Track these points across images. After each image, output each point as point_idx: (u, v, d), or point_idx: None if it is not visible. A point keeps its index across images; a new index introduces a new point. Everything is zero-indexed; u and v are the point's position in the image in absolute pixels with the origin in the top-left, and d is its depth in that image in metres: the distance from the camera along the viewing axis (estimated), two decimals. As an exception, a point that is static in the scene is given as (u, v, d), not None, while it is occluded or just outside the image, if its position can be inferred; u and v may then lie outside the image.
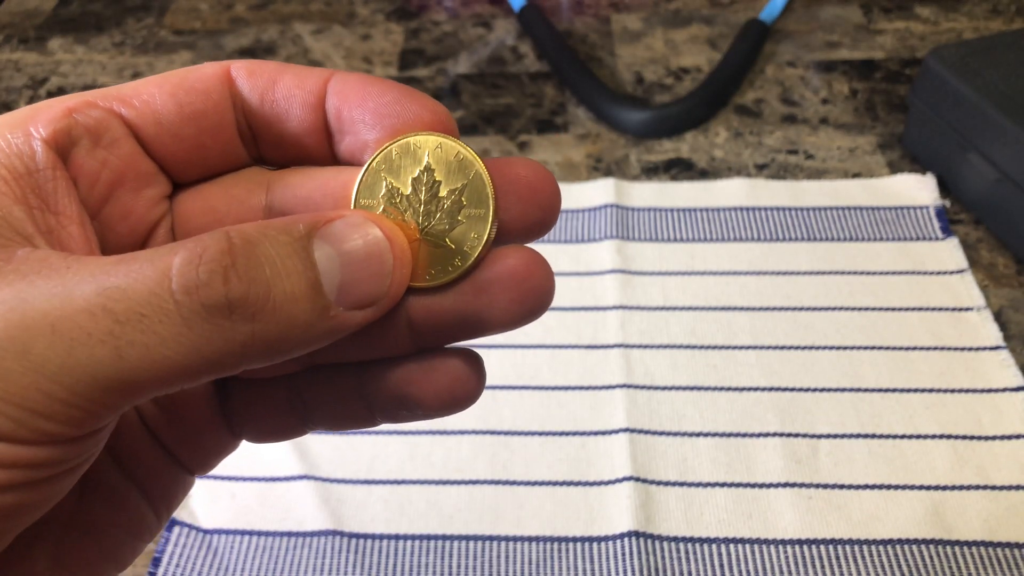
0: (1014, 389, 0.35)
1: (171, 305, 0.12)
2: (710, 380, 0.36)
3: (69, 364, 0.12)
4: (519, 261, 0.15)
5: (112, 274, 0.12)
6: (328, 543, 0.32)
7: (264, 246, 0.13)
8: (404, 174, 0.16)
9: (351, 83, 0.16)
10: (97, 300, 0.12)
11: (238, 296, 0.12)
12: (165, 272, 0.12)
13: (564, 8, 0.61)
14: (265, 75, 0.16)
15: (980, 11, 0.57)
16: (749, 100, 0.52)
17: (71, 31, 0.61)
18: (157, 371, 0.12)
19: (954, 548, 0.31)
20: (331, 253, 0.13)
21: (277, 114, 0.16)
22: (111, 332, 0.12)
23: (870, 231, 0.42)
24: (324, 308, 0.13)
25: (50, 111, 0.15)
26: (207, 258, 0.12)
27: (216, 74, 0.16)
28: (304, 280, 0.13)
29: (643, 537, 0.31)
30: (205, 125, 0.16)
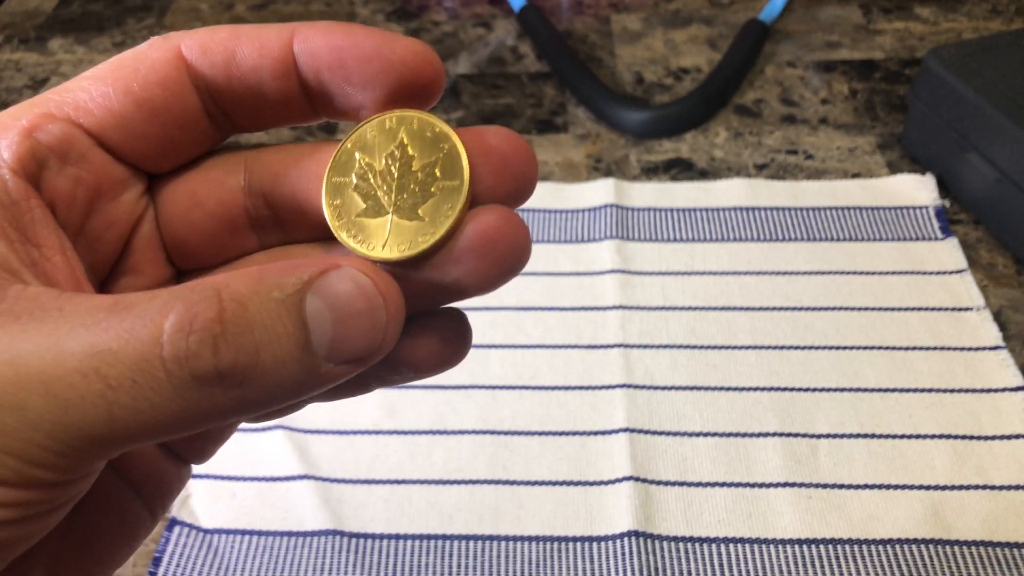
0: (1013, 389, 0.35)
1: (162, 374, 0.12)
2: (710, 380, 0.36)
3: (63, 422, 0.12)
4: (491, 223, 0.14)
5: (104, 329, 0.12)
6: (328, 543, 0.32)
7: (255, 309, 0.12)
8: (379, 151, 0.15)
9: (319, 40, 0.15)
10: (90, 362, 0.12)
11: (227, 366, 0.12)
12: (156, 337, 0.12)
13: (564, 8, 0.61)
14: (220, 48, 0.15)
15: (979, 11, 0.58)
16: (749, 100, 0.52)
17: (72, 31, 0.61)
18: (147, 429, 0.12)
19: (953, 548, 0.31)
20: (323, 308, 0.13)
21: (247, 88, 0.15)
22: (103, 395, 0.12)
23: (870, 231, 0.42)
24: (313, 367, 0.13)
25: (8, 133, 0.14)
26: (197, 326, 0.12)
27: (168, 60, 0.15)
28: (294, 342, 0.13)
29: (643, 537, 0.31)
30: (169, 119, 0.15)
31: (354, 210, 0.15)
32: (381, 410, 0.36)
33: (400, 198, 0.15)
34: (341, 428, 0.35)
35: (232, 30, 0.15)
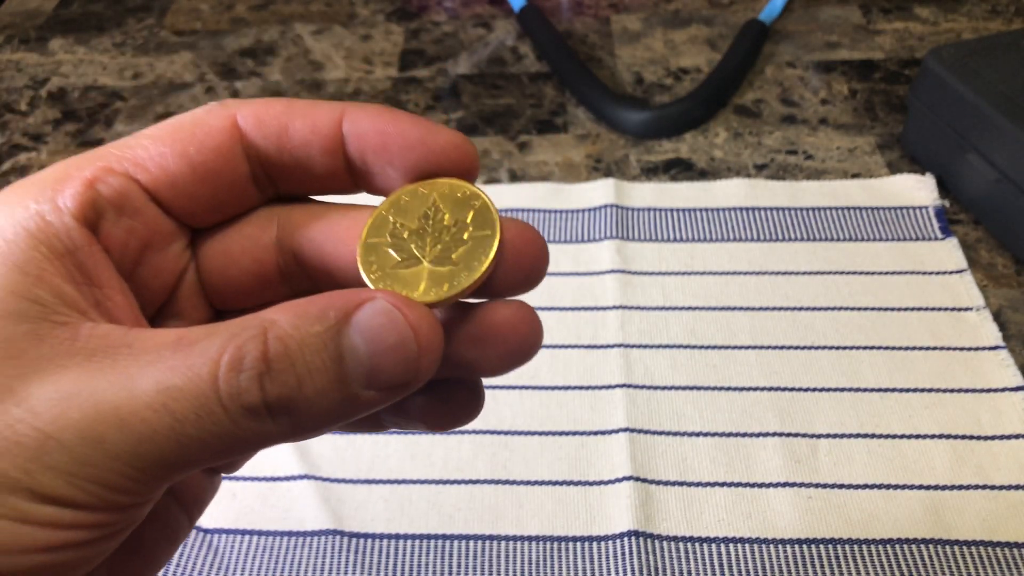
0: (1013, 389, 0.35)
1: (219, 408, 0.14)
2: (710, 380, 0.36)
3: (138, 453, 0.14)
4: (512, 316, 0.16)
5: (170, 367, 0.14)
6: (329, 543, 0.32)
7: (296, 345, 0.14)
8: (412, 213, 0.16)
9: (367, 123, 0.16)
10: (159, 399, 0.14)
11: (273, 400, 0.14)
12: (214, 375, 0.14)
13: (564, 9, 0.61)
14: (274, 122, 0.16)
15: (979, 11, 0.58)
16: (748, 100, 0.52)
17: (72, 31, 0.61)
18: (209, 455, 0.14)
19: (953, 548, 0.31)
20: (359, 342, 0.14)
21: (296, 160, 0.17)
22: (172, 428, 0.14)
23: (869, 231, 0.42)
24: (352, 396, 0.14)
25: (72, 183, 0.15)
26: (247, 364, 0.14)
27: (224, 128, 0.16)
28: (333, 375, 0.14)
29: (643, 536, 0.31)
30: (220, 183, 0.16)
31: (389, 264, 0.16)
32: (381, 410, 0.36)
33: (434, 249, 0.16)
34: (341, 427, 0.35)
35: (286, 105, 0.16)
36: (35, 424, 0.13)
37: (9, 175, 0.50)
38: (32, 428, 0.13)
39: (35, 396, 0.13)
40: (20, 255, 0.14)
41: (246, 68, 0.57)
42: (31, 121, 0.54)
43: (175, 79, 0.56)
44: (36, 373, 0.14)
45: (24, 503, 0.13)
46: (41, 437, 0.13)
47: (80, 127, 0.53)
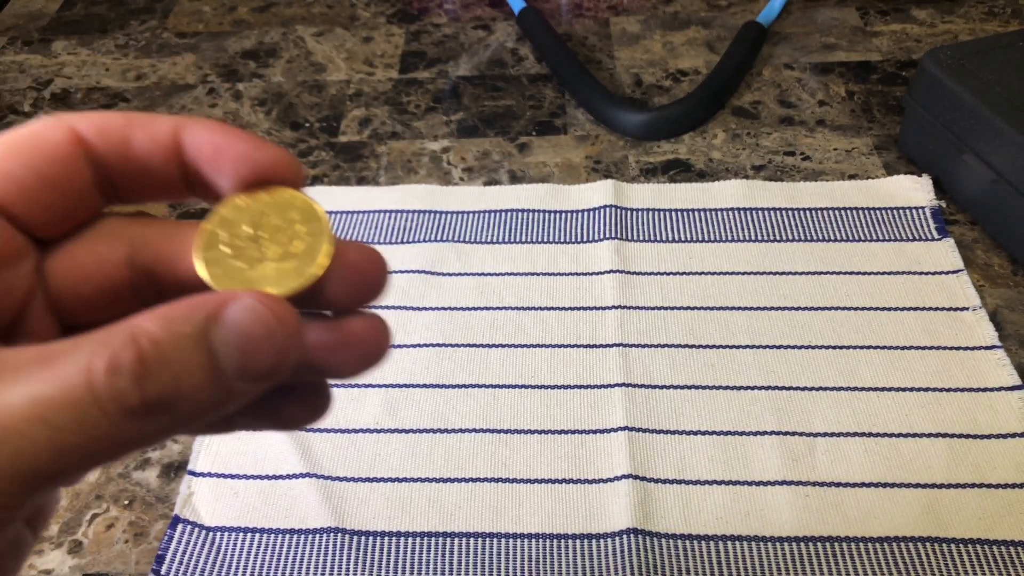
0: (1009, 388, 0.36)
1: (98, 412, 0.14)
2: (708, 379, 0.37)
3: (16, 467, 0.13)
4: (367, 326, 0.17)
5: (38, 380, 0.14)
6: (330, 540, 0.32)
7: (168, 346, 0.14)
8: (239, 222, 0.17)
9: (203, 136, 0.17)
10: (34, 411, 0.13)
11: (153, 399, 0.14)
12: (90, 381, 0.14)
13: (563, 11, 0.61)
14: (116, 133, 0.17)
15: (976, 13, 0.58)
16: (746, 102, 0.52)
17: (75, 33, 0.62)
18: (92, 460, 0.14)
19: (950, 545, 0.31)
20: (228, 337, 0.15)
21: (139, 171, 0.17)
22: (50, 439, 0.14)
23: (866, 232, 0.43)
24: (227, 388, 0.15)
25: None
26: (123, 368, 0.14)
27: (67, 140, 0.17)
28: (207, 370, 0.15)
29: (641, 534, 0.31)
30: (67, 192, 0.17)
31: (235, 272, 0.17)
32: (382, 409, 0.36)
33: (273, 248, 0.17)
34: (343, 427, 0.36)
35: (125, 117, 0.17)
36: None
37: (12, 176, 0.50)
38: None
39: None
40: None
41: (248, 70, 0.57)
42: (34, 123, 0.54)
43: (178, 80, 0.57)
44: None
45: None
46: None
47: (83, 128, 0.53)
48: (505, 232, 0.44)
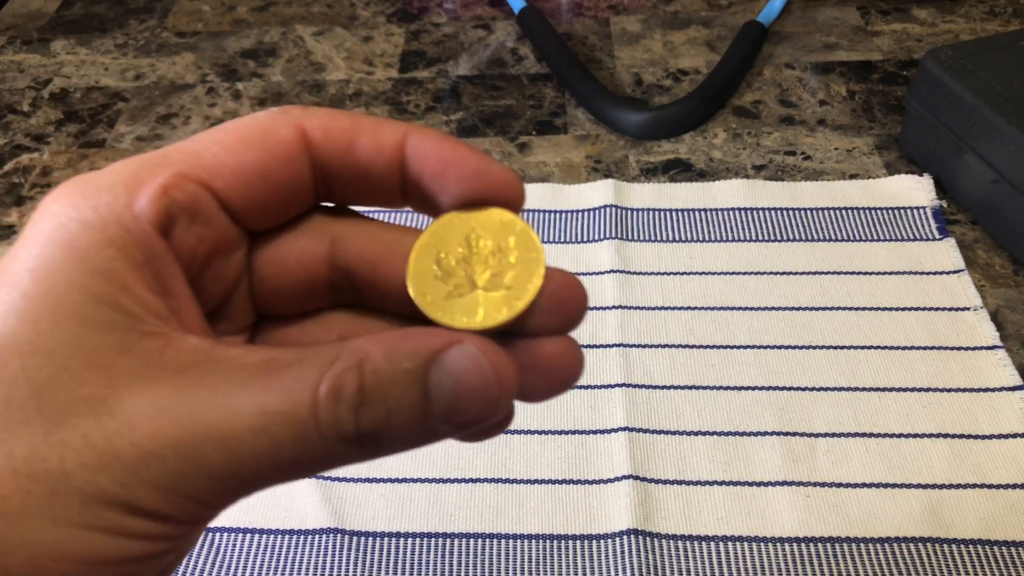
0: (1010, 388, 0.35)
1: (316, 434, 0.14)
2: (708, 379, 0.37)
3: (237, 474, 0.14)
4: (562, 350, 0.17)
5: (267, 389, 0.14)
6: (330, 541, 0.32)
7: (387, 380, 0.15)
8: (454, 241, 0.17)
9: (429, 148, 0.17)
10: (259, 421, 0.14)
11: (365, 430, 0.15)
12: (312, 399, 0.14)
13: (563, 10, 0.61)
14: (341, 137, 0.17)
15: (977, 13, 0.58)
16: (747, 101, 0.52)
17: (74, 32, 0.62)
18: (297, 475, 0.15)
19: (951, 546, 0.31)
20: (445, 382, 0.15)
21: (358, 176, 0.17)
22: (270, 450, 0.14)
23: (867, 231, 0.43)
24: (431, 429, 0.15)
25: (147, 188, 0.15)
26: (344, 395, 0.14)
27: (294, 139, 0.16)
28: (417, 410, 0.15)
29: (642, 535, 0.31)
30: (287, 192, 0.17)
31: (441, 293, 0.17)
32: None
33: (484, 275, 0.17)
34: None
35: (352, 120, 0.17)
36: (132, 439, 0.13)
37: (11, 176, 0.50)
38: (130, 443, 0.13)
39: (129, 409, 0.14)
40: (102, 264, 0.14)
41: (247, 69, 0.57)
42: (33, 122, 0.54)
43: (177, 80, 0.57)
44: (127, 385, 0.14)
45: (120, 517, 0.13)
46: (140, 454, 0.13)
47: (82, 128, 0.53)
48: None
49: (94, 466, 0.13)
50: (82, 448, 0.13)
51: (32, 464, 0.13)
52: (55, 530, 0.13)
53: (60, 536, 0.13)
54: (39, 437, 0.13)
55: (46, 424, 0.13)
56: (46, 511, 0.13)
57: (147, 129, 0.53)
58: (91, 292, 0.14)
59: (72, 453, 0.13)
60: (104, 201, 0.15)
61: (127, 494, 0.13)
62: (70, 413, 0.13)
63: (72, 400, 0.13)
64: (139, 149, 0.51)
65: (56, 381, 0.13)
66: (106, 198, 0.15)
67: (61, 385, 0.13)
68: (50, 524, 0.13)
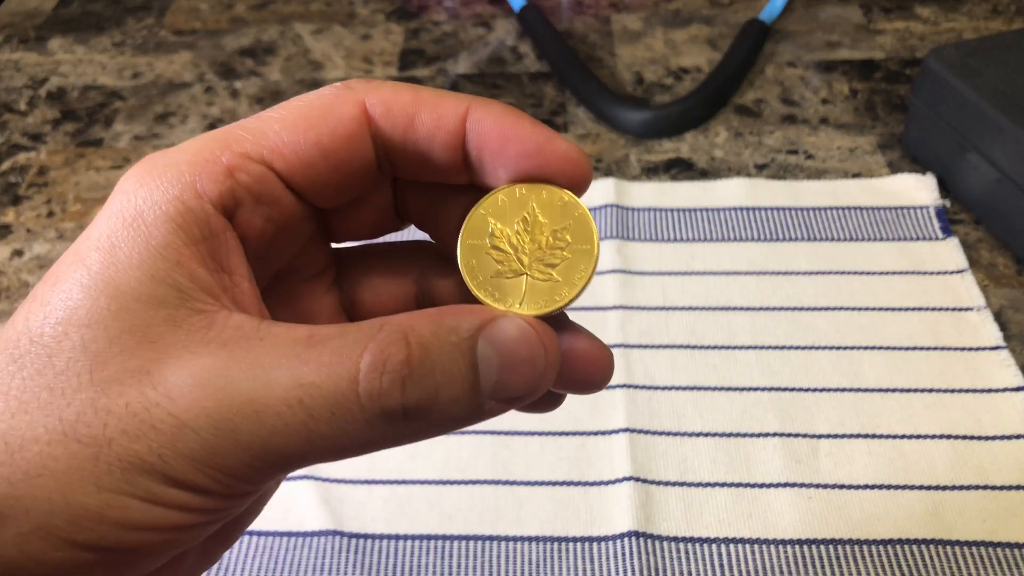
0: (1014, 389, 0.35)
1: (356, 408, 0.14)
2: (710, 380, 0.36)
3: (269, 446, 0.14)
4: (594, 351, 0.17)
5: (305, 362, 0.14)
6: (328, 543, 0.32)
7: (436, 352, 0.14)
8: (510, 217, 0.17)
9: (490, 123, 0.16)
10: (295, 393, 0.14)
11: (412, 404, 0.14)
12: (354, 375, 0.14)
13: (564, 8, 0.61)
14: (402, 113, 0.17)
15: (980, 11, 0.58)
16: (749, 100, 0.52)
17: (71, 31, 0.61)
18: (335, 453, 0.14)
19: (954, 548, 0.31)
20: (492, 354, 0.15)
21: (419, 152, 0.17)
22: (305, 424, 0.14)
23: (870, 231, 0.42)
24: (479, 405, 0.15)
25: (211, 168, 0.15)
26: (389, 367, 0.14)
27: (355, 116, 0.16)
28: (466, 383, 0.15)
29: (643, 537, 0.31)
30: (350, 169, 0.17)
31: (489, 271, 0.16)
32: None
33: (534, 260, 0.16)
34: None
35: (414, 93, 0.17)
36: (170, 410, 0.14)
37: (8, 175, 0.50)
38: (168, 414, 0.14)
39: (171, 381, 0.14)
40: (160, 239, 0.15)
41: (245, 68, 0.57)
42: (30, 121, 0.54)
43: (174, 79, 0.56)
44: (172, 358, 0.14)
45: (156, 486, 0.14)
46: (177, 424, 0.14)
47: (79, 127, 0.53)
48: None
49: (133, 434, 0.14)
50: (124, 416, 0.14)
51: (79, 428, 0.14)
52: (97, 493, 0.13)
53: (100, 499, 0.13)
54: (87, 404, 0.14)
55: (95, 392, 0.14)
56: (89, 474, 0.13)
57: (144, 128, 0.52)
58: (148, 268, 0.14)
59: (115, 420, 0.14)
60: (169, 178, 0.15)
61: (163, 465, 0.14)
62: (117, 382, 0.14)
63: (120, 371, 0.14)
64: (136, 148, 0.51)
65: (108, 352, 0.14)
66: (171, 175, 0.15)
67: (112, 356, 0.14)
68: (93, 487, 0.13)
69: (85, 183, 0.49)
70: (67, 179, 0.49)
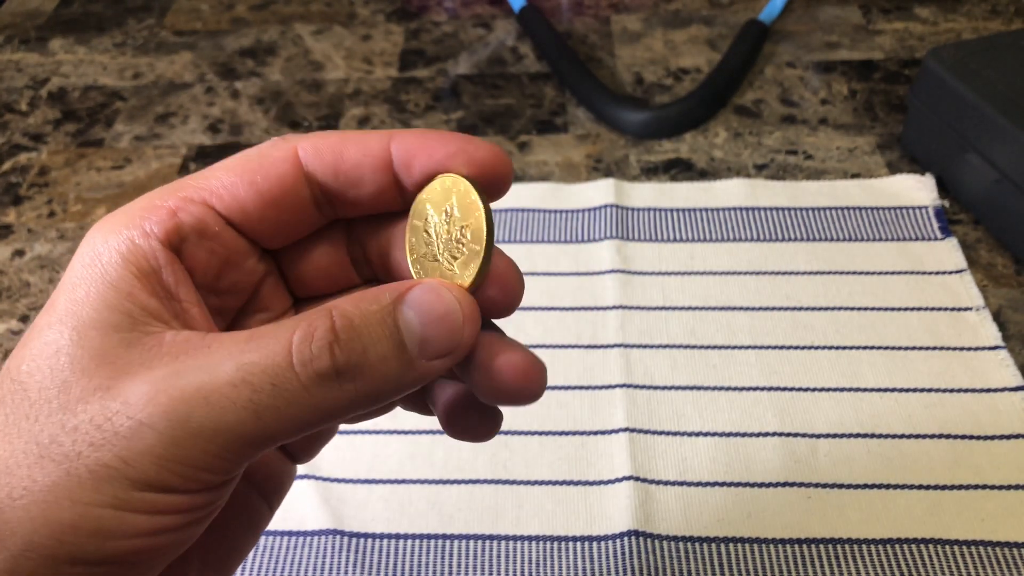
0: (1012, 389, 0.35)
1: (293, 375, 0.15)
2: (709, 380, 0.36)
3: (221, 427, 0.15)
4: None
5: (245, 350, 0.16)
6: (328, 542, 0.32)
7: (359, 320, 0.16)
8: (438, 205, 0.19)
9: (412, 140, 0.18)
10: (237, 374, 0.15)
11: (342, 364, 0.16)
12: (287, 348, 0.15)
13: (564, 9, 0.61)
14: (331, 151, 0.19)
15: (979, 11, 0.58)
16: (748, 100, 0.52)
17: (72, 31, 0.61)
18: (285, 426, 0.16)
19: (952, 547, 0.31)
20: (412, 316, 0.16)
21: (351, 182, 0.19)
22: (250, 399, 0.15)
23: (869, 231, 0.43)
24: (409, 362, 0.16)
25: (158, 212, 0.17)
26: (317, 336, 0.16)
27: (287, 158, 0.18)
28: (392, 342, 0.16)
29: (642, 536, 0.31)
30: (284, 207, 0.19)
31: (420, 251, 0.19)
32: (381, 410, 0.36)
33: (445, 249, 0.18)
34: (342, 428, 0.35)
35: (340, 135, 0.19)
36: (129, 414, 0.15)
37: (9, 175, 0.50)
38: (126, 418, 0.15)
39: (127, 391, 0.15)
40: (114, 274, 0.17)
41: (246, 68, 0.57)
42: (31, 121, 0.54)
43: (175, 79, 0.56)
44: (128, 374, 0.16)
45: (124, 491, 0.15)
46: (135, 425, 0.15)
47: (80, 127, 0.53)
48: (505, 231, 0.43)
49: (97, 444, 0.15)
50: (89, 429, 0.15)
51: (52, 449, 0.15)
52: (72, 507, 0.15)
53: (75, 513, 0.15)
54: (57, 425, 0.15)
55: (64, 413, 0.15)
56: (63, 490, 0.15)
57: (145, 128, 0.53)
58: (103, 299, 0.16)
59: (81, 435, 0.15)
60: (122, 223, 0.17)
61: (126, 467, 0.15)
62: (81, 401, 0.15)
63: (84, 391, 0.15)
64: (137, 148, 0.51)
65: (72, 377, 0.15)
66: (123, 221, 0.17)
67: (76, 380, 0.15)
68: (68, 502, 0.15)
69: (86, 183, 0.49)
70: (68, 179, 0.49)
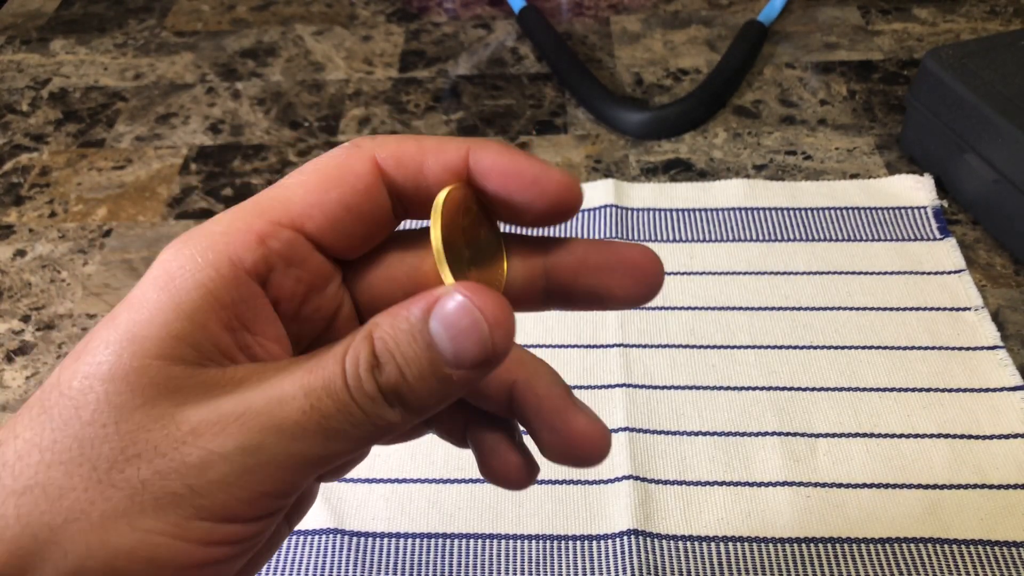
0: (1011, 389, 0.35)
1: (350, 400, 0.16)
2: (709, 379, 0.37)
3: (293, 454, 0.15)
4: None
5: (308, 371, 0.16)
6: (329, 541, 0.32)
7: (393, 340, 0.16)
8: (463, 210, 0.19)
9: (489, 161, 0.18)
10: (306, 401, 0.16)
11: (385, 387, 0.16)
12: (342, 374, 0.16)
13: (564, 10, 0.61)
14: (411, 162, 0.18)
15: (978, 12, 0.58)
16: (748, 101, 0.52)
17: (73, 32, 0.61)
18: (348, 447, 0.16)
19: (951, 546, 0.31)
20: (440, 329, 0.16)
21: (430, 195, 0.19)
22: (319, 425, 0.16)
23: (868, 231, 0.43)
24: (446, 376, 0.16)
25: (244, 238, 0.17)
26: (361, 360, 0.16)
27: (371, 171, 0.18)
28: (426, 360, 0.16)
29: (642, 535, 0.31)
30: (371, 220, 0.18)
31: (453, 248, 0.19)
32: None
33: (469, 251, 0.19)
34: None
35: (418, 144, 0.18)
36: (198, 443, 0.15)
37: (11, 175, 0.50)
38: (195, 447, 0.15)
39: (193, 421, 0.15)
40: (189, 305, 0.16)
41: (247, 69, 0.57)
42: (32, 122, 0.54)
43: (176, 80, 0.57)
44: (192, 404, 0.16)
45: (186, 520, 0.15)
46: (205, 454, 0.15)
47: (81, 127, 0.53)
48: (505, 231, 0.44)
49: (164, 472, 0.15)
50: (154, 458, 0.15)
51: (112, 475, 0.15)
52: (131, 533, 0.15)
53: (134, 539, 0.15)
54: (117, 451, 0.15)
55: (123, 439, 0.15)
56: (123, 516, 0.15)
57: (146, 129, 0.53)
58: (173, 328, 0.16)
59: (145, 463, 0.15)
60: (203, 247, 0.17)
61: (195, 496, 0.15)
62: (143, 429, 0.15)
63: (145, 419, 0.15)
64: (138, 149, 0.51)
65: (131, 404, 0.15)
66: (205, 245, 0.17)
67: (136, 407, 0.15)
68: (127, 528, 0.15)
69: (87, 184, 0.49)
70: (69, 179, 0.49)
